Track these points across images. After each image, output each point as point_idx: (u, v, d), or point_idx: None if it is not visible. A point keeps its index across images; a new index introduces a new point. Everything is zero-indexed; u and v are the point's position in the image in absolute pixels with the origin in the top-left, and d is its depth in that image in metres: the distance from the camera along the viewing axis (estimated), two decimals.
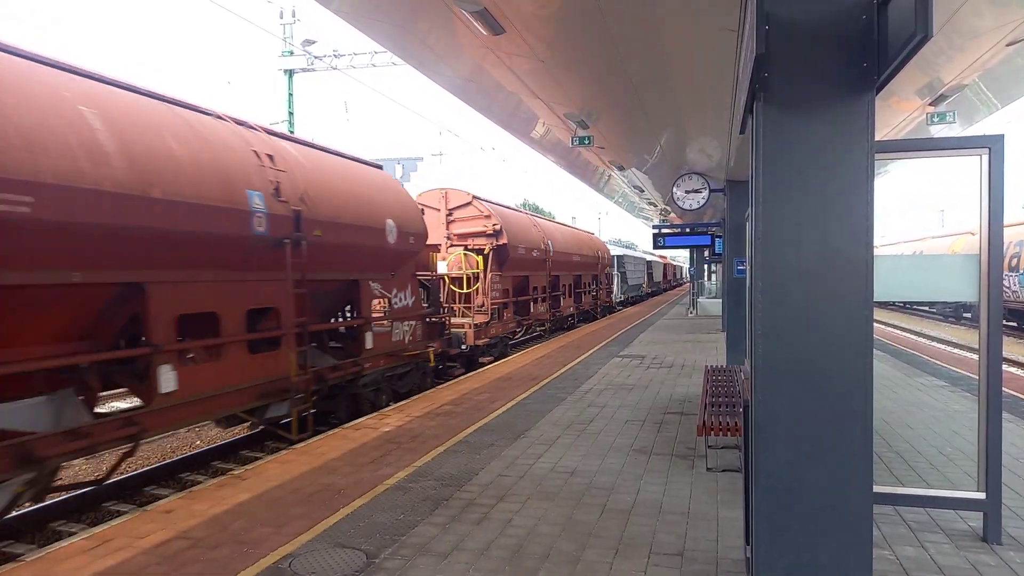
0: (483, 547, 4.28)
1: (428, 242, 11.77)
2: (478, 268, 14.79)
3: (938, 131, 9.39)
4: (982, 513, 4.23)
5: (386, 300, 10.11)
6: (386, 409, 8.74)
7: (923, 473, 5.57)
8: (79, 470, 8.09)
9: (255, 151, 7.29)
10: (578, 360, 13.16)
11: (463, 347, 13.63)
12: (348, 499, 5.24)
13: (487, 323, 14.61)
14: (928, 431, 6.95)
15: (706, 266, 33.15)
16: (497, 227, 15.04)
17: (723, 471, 5.79)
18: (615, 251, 33.82)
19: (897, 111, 9.02)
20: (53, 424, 5.53)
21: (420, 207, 11.75)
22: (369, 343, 9.42)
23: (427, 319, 11.59)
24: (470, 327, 13.83)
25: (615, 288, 32.66)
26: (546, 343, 16.93)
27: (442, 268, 13.93)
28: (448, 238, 15.17)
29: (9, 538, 5.92)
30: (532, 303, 18.18)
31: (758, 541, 2.86)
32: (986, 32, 5.95)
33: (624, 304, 35.03)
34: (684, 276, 69.53)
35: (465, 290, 14.55)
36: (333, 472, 5.97)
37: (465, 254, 14.81)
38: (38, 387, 5.58)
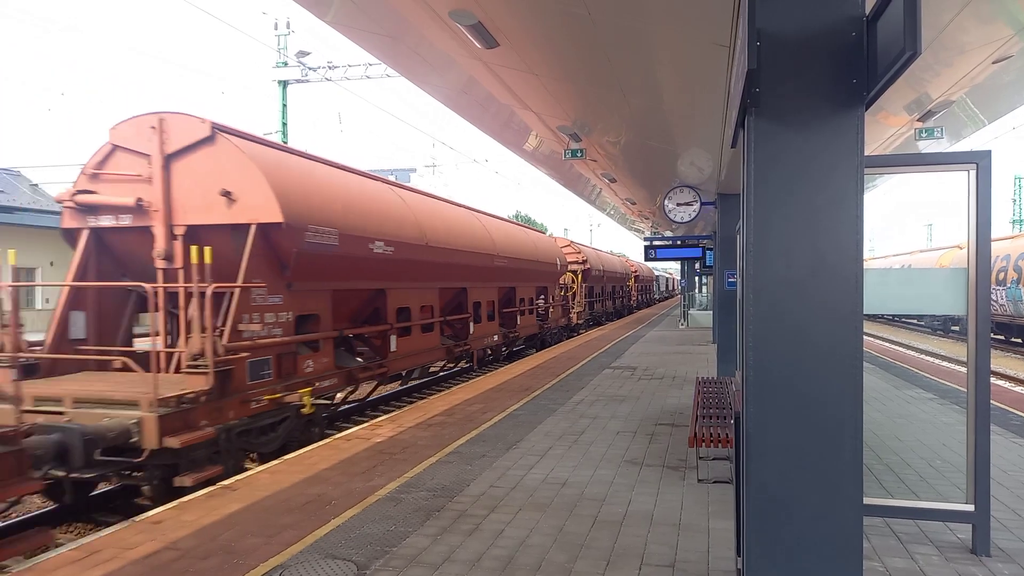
0: (474, 558, 4.27)
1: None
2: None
3: (926, 146, 9.50)
4: (971, 525, 4.26)
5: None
6: (378, 419, 8.72)
7: (912, 485, 5.60)
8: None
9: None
10: (570, 371, 13.17)
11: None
12: (339, 510, 5.21)
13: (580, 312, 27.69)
14: (917, 443, 7.00)
15: (697, 278, 33.32)
16: (585, 259, 28.54)
17: (714, 482, 5.80)
18: (656, 272, 58.71)
19: (886, 126, 9.13)
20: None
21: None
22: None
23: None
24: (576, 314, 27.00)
25: (655, 291, 58.80)
26: (538, 354, 16.94)
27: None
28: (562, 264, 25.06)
29: None
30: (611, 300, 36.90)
31: (749, 552, 2.87)
32: (973, 49, 6.05)
33: (659, 300, 61.33)
34: (676, 288, 72.39)
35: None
36: (324, 482, 5.94)
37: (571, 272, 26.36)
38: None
